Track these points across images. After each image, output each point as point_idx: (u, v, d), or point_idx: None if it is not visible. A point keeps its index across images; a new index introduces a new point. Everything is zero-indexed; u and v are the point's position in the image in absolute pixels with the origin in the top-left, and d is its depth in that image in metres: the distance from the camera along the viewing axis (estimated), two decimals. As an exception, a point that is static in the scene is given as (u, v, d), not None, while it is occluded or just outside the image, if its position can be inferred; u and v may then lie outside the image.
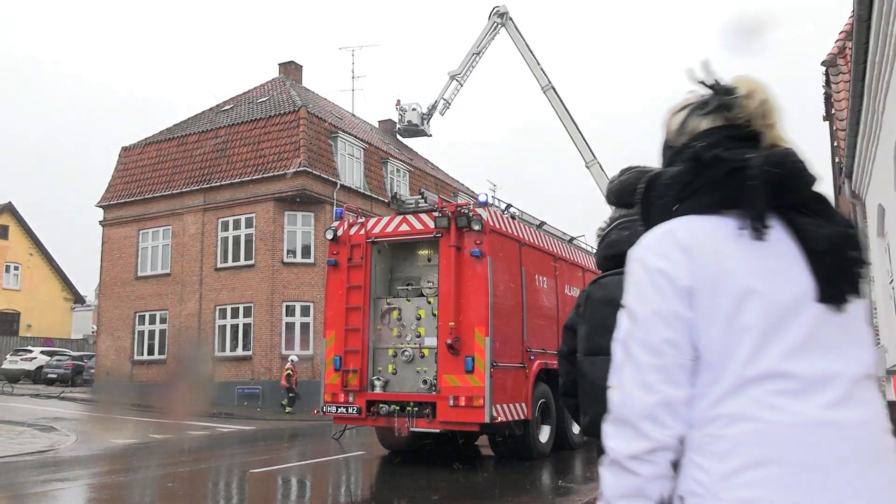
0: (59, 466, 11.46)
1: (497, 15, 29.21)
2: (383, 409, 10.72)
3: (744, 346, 1.30)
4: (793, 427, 1.25)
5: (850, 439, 1.26)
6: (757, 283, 1.32)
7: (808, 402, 1.27)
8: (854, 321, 1.37)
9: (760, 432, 1.26)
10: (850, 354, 1.34)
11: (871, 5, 6.79)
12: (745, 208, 1.35)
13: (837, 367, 1.31)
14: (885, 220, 9.63)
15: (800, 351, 1.30)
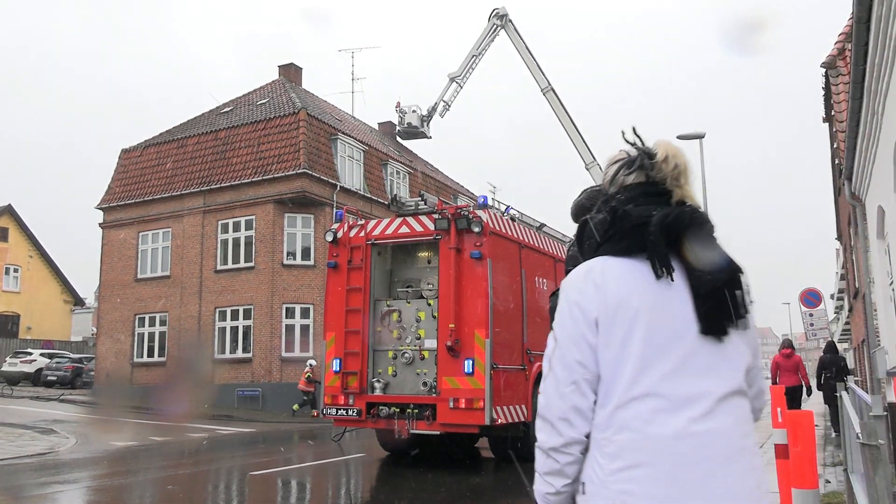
0: (59, 469, 11.45)
1: (497, 17, 29.22)
2: (383, 411, 10.71)
3: (629, 369, 1.65)
4: (663, 437, 1.62)
5: (709, 446, 1.62)
6: (646, 318, 1.67)
7: (678, 418, 1.63)
8: (732, 347, 1.71)
9: (638, 441, 1.63)
10: (722, 376, 1.68)
11: (871, 7, 6.79)
12: (649, 255, 1.69)
13: (707, 387, 1.66)
14: (885, 221, 9.63)
15: (674, 375, 1.65)
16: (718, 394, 1.67)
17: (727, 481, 1.63)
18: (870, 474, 4.01)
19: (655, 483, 1.61)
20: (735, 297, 1.72)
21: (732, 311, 1.71)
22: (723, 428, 1.65)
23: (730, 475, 1.64)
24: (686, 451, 1.63)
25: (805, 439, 3.46)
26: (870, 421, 4.34)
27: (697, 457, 1.63)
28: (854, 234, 14.96)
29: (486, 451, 12.18)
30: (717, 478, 1.62)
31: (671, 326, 1.68)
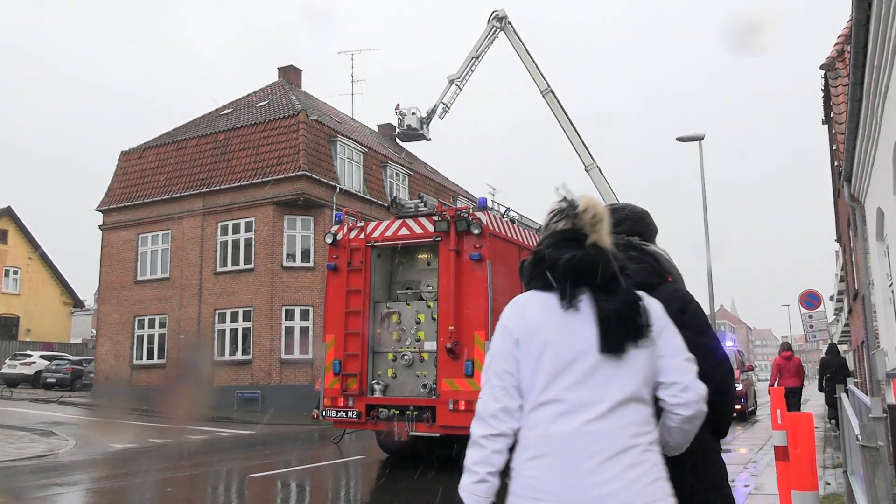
0: (58, 471, 11.45)
1: (496, 19, 29.23)
2: (383, 413, 10.71)
3: (540, 381, 2.08)
4: (562, 434, 2.03)
5: (599, 442, 2.01)
6: (555, 339, 2.09)
7: (575, 419, 2.04)
8: (631, 362, 2.09)
9: (543, 437, 2.05)
10: (618, 386, 2.06)
11: (870, 9, 6.80)
12: (558, 290, 2.13)
13: (602, 395, 2.05)
14: (885, 223, 9.63)
15: (576, 385, 2.05)
16: (612, 401, 2.06)
17: (613, 471, 2.01)
18: (869, 476, 4.01)
19: (554, 470, 2.03)
20: (633, 322, 2.11)
21: (630, 334, 2.10)
22: (612, 428, 2.05)
23: (616, 467, 2.01)
24: (580, 446, 2.03)
25: (805, 441, 3.47)
26: (869, 423, 4.33)
27: (589, 451, 2.02)
28: (853, 236, 14.97)
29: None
30: (605, 468, 2.01)
31: (577, 346, 2.09)
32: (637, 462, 2.04)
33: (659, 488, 2.07)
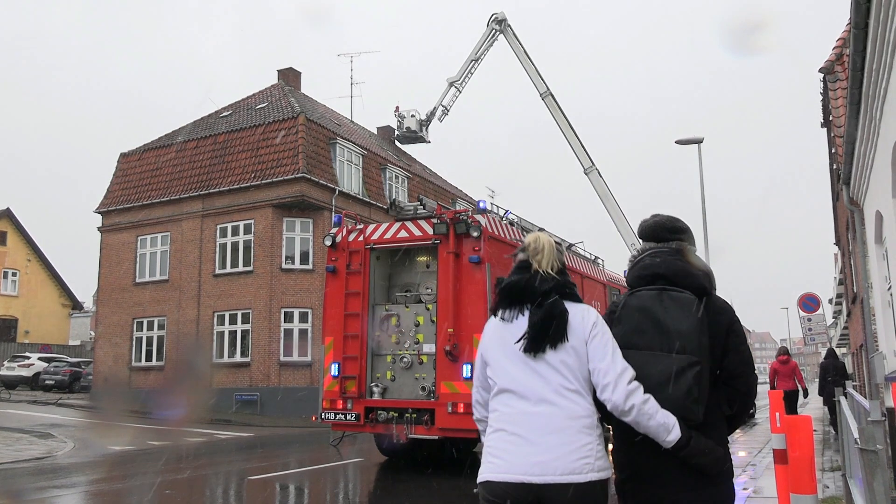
0: (57, 473, 11.43)
1: (495, 22, 29.24)
2: (381, 415, 10.70)
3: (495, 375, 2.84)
4: (512, 414, 2.73)
5: (538, 421, 2.66)
6: (497, 345, 2.87)
7: (521, 403, 2.72)
8: (556, 363, 2.73)
9: (498, 417, 2.77)
10: (548, 379, 2.72)
11: (868, 13, 6.81)
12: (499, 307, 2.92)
13: (539, 385, 2.72)
14: (883, 226, 9.64)
15: (520, 378, 2.75)
16: (549, 390, 2.71)
17: (548, 443, 2.65)
18: (868, 480, 4.01)
19: (504, 441, 2.72)
20: (554, 329, 2.75)
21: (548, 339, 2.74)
22: (549, 411, 2.68)
23: (551, 440, 2.65)
24: (525, 423, 2.70)
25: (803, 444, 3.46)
26: (868, 426, 4.34)
27: (531, 427, 2.68)
28: (852, 239, 14.98)
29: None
30: (542, 441, 2.65)
31: (512, 349, 2.81)
32: (568, 440, 2.65)
33: (583, 461, 2.63)
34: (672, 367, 2.70)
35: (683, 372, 2.69)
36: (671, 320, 2.77)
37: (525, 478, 2.62)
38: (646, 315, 2.82)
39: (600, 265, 16.14)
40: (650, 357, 2.76)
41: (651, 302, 2.84)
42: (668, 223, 3.07)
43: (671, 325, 2.77)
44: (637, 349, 2.77)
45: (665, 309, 2.80)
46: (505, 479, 2.65)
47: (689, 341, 2.73)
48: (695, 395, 2.69)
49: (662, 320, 2.78)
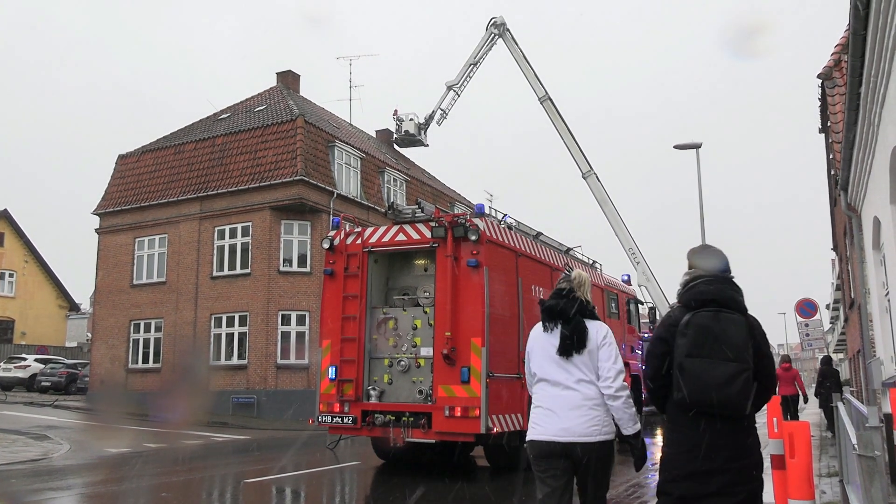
0: (52, 475, 11.39)
1: (494, 26, 29.27)
2: (379, 419, 10.68)
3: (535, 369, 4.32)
4: (546, 397, 4.17)
5: (565, 401, 4.08)
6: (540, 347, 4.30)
7: (553, 389, 4.15)
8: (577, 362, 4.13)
9: (538, 398, 4.23)
10: (572, 373, 4.12)
11: (867, 19, 6.83)
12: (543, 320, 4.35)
13: (567, 377, 4.13)
14: (881, 232, 9.65)
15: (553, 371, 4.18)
16: (572, 380, 4.11)
17: (570, 415, 4.05)
18: (866, 485, 4.01)
19: (541, 414, 4.15)
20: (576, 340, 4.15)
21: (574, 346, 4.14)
22: (571, 395, 4.09)
23: (572, 413, 4.06)
24: (555, 402, 4.11)
25: (801, 450, 3.46)
26: (866, 432, 4.33)
27: (560, 405, 4.09)
28: (850, 245, 14.99)
29: (481, 459, 12.14)
30: (566, 414, 4.06)
31: (551, 351, 4.21)
32: (586, 414, 4.06)
33: (594, 427, 4.05)
34: (729, 371, 3.50)
35: (738, 375, 3.50)
36: (726, 336, 3.55)
37: (555, 438, 4.06)
38: (706, 331, 3.57)
39: (598, 269, 16.14)
40: (710, 364, 3.53)
41: (709, 321, 3.59)
42: (719, 256, 3.86)
43: (726, 339, 3.55)
44: (699, 357, 3.54)
45: (721, 327, 3.57)
46: (542, 439, 4.11)
47: (740, 352, 3.54)
48: (746, 393, 3.50)
49: (719, 335, 3.55)
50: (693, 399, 3.55)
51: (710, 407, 3.53)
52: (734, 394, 3.48)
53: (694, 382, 3.56)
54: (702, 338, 3.58)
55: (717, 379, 3.50)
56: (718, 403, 3.51)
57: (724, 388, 3.48)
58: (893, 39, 6.37)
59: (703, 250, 3.93)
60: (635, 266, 26.20)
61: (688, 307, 3.73)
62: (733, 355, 3.53)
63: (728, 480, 3.50)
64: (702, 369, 3.53)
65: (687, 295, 3.77)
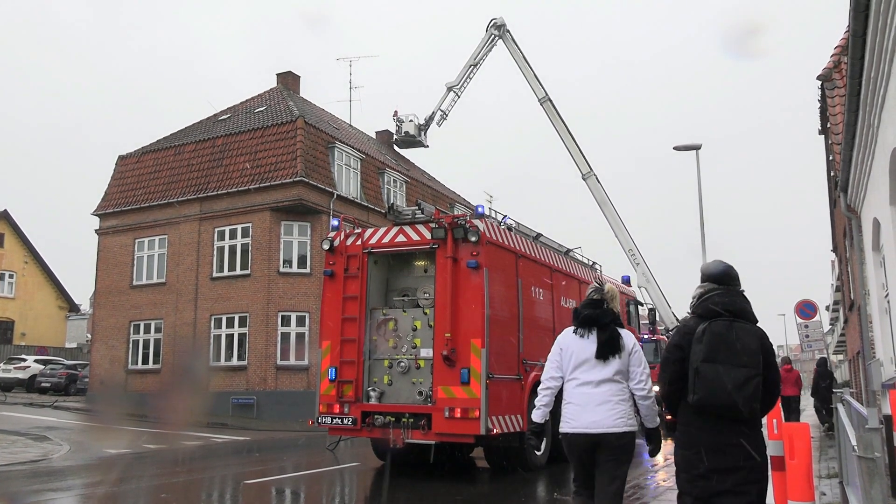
0: (52, 476, 11.39)
1: (494, 27, 29.26)
2: (378, 420, 10.67)
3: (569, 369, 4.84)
4: (579, 394, 4.76)
5: (594, 398, 4.70)
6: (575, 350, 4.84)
7: (585, 387, 4.75)
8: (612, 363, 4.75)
9: (570, 395, 4.80)
10: (604, 373, 4.74)
11: (867, 21, 6.83)
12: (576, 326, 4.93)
13: (596, 376, 4.74)
14: (881, 233, 9.65)
15: (585, 371, 4.77)
16: (601, 379, 4.71)
17: (599, 410, 4.65)
18: (866, 487, 4.01)
19: (573, 409, 4.73)
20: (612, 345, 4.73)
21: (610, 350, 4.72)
22: (600, 391, 4.69)
23: (601, 408, 4.65)
24: (585, 398, 4.71)
25: (801, 452, 3.46)
26: (866, 433, 4.33)
27: (589, 401, 4.69)
28: (849, 246, 15.00)
29: (481, 460, 12.14)
30: (595, 409, 4.66)
31: (585, 354, 4.77)
32: (613, 409, 4.65)
33: (620, 421, 4.64)
34: (742, 376, 3.87)
35: (750, 380, 3.87)
36: (740, 343, 3.93)
37: (586, 430, 4.66)
38: (721, 339, 3.95)
39: (598, 270, 16.14)
40: (724, 369, 3.89)
41: (724, 330, 3.97)
42: (731, 271, 4.27)
43: (740, 346, 3.92)
44: (715, 363, 3.91)
45: (735, 335, 3.96)
46: (574, 431, 4.71)
47: (752, 358, 3.91)
48: (756, 396, 3.89)
49: (733, 343, 3.93)
50: (706, 401, 3.91)
51: (721, 409, 3.88)
52: (746, 397, 3.84)
53: (708, 386, 3.91)
54: (717, 344, 3.95)
55: (730, 383, 3.86)
56: (731, 405, 3.85)
57: (736, 391, 3.84)
58: (893, 41, 6.37)
59: (715, 265, 4.34)
60: (635, 267, 26.19)
61: (703, 317, 4.10)
62: (746, 361, 3.89)
63: (741, 479, 3.84)
64: (716, 373, 3.88)
65: (702, 306, 4.15)
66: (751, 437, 3.90)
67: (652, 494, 9.43)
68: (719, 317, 4.03)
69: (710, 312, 4.08)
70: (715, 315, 4.05)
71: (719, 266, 4.30)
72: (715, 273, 4.27)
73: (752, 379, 3.86)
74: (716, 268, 4.30)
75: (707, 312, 4.09)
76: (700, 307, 4.16)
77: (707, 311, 4.10)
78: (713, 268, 4.31)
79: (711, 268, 4.32)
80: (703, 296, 4.20)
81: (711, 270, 4.29)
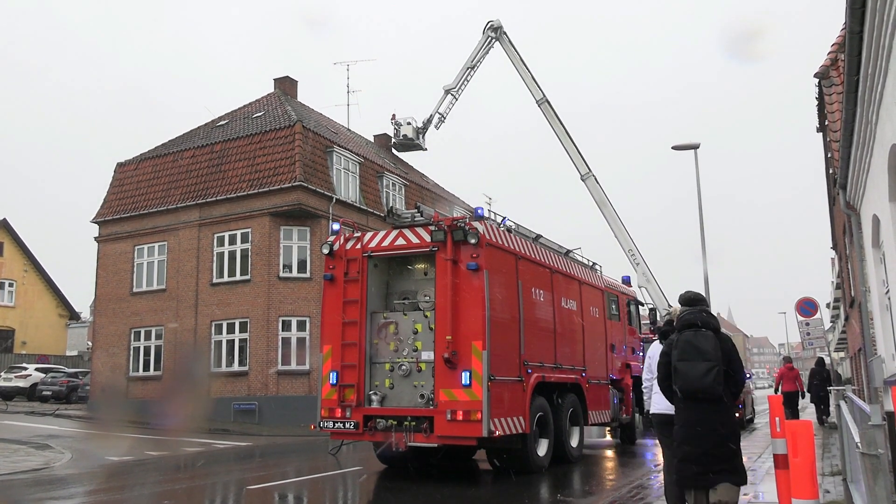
0: (54, 484, 11.37)
1: (491, 29, 29.29)
2: (380, 423, 10.67)
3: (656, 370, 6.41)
4: None
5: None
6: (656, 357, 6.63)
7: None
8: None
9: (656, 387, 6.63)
10: None
11: (863, 18, 6.83)
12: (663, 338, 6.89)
13: None
14: (880, 230, 9.65)
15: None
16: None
17: None
18: (870, 484, 4.00)
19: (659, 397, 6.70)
20: None
21: None
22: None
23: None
24: None
25: (804, 449, 3.46)
26: (869, 430, 4.33)
27: None
28: (849, 244, 14.99)
29: (483, 463, 12.13)
30: None
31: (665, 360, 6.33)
32: None
33: None
34: (705, 368, 5.57)
35: (711, 370, 5.55)
36: (702, 345, 5.66)
37: (667, 411, 6.29)
38: (689, 343, 5.72)
39: (598, 271, 16.13)
40: (693, 364, 5.63)
41: (692, 336, 5.75)
42: (698, 297, 6.14)
43: (702, 347, 5.66)
44: (687, 361, 5.66)
45: (699, 339, 5.70)
46: (664, 412, 6.55)
47: (712, 354, 5.60)
48: (719, 381, 5.54)
49: (697, 345, 5.67)
50: (684, 387, 5.64)
51: (695, 392, 5.58)
52: (709, 382, 5.53)
53: (683, 378, 5.67)
54: (686, 348, 5.72)
55: (697, 373, 5.58)
56: (701, 389, 5.54)
57: (702, 378, 5.56)
58: (890, 37, 6.38)
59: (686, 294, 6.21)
60: (635, 267, 26.20)
61: (680, 330, 5.91)
62: (708, 357, 5.59)
63: (715, 442, 5.47)
64: (687, 368, 5.64)
65: (678, 322, 6.01)
66: (721, 414, 5.54)
67: (655, 494, 9.41)
68: (688, 328, 5.80)
69: (682, 325, 5.90)
70: (685, 327, 5.83)
71: (689, 294, 6.19)
72: (685, 299, 6.15)
73: (713, 369, 5.53)
74: (686, 295, 6.18)
75: (680, 325, 5.92)
76: (677, 324, 5.99)
77: (680, 325, 5.92)
78: (685, 295, 6.18)
79: (684, 296, 6.19)
80: (679, 314, 6.06)
81: (683, 297, 6.17)
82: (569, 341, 13.32)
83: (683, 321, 5.88)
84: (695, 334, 5.68)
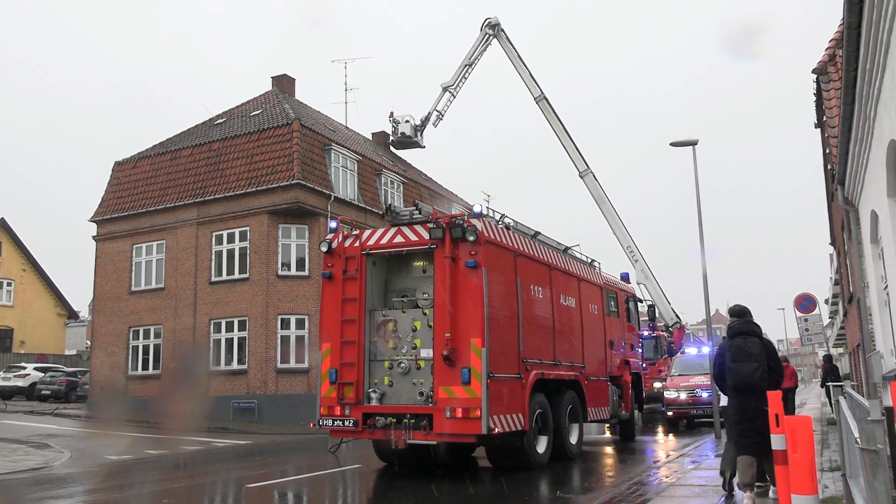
0: (54, 484, 11.37)
1: (489, 26, 29.21)
2: (380, 421, 10.67)
3: None
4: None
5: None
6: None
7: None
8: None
9: None
10: None
11: (861, 13, 6.83)
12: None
13: None
14: (879, 226, 9.65)
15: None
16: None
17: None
18: (869, 479, 4.00)
19: None
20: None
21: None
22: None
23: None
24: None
25: (804, 445, 3.46)
26: (868, 426, 4.33)
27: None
28: (848, 239, 15.00)
29: (483, 460, 12.13)
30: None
31: None
32: None
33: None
34: (752, 367, 7.65)
35: (758, 368, 7.63)
36: (750, 349, 7.70)
37: None
38: (739, 348, 7.75)
39: (597, 268, 16.14)
40: (743, 365, 7.68)
41: (741, 343, 7.77)
42: (744, 310, 8.05)
43: (750, 350, 7.70)
44: (738, 362, 7.70)
45: (748, 345, 7.73)
46: None
47: (758, 356, 7.67)
48: (763, 377, 7.60)
49: (746, 350, 7.70)
50: (736, 383, 7.71)
51: (745, 386, 7.61)
52: (756, 379, 7.57)
53: (736, 375, 7.72)
54: (737, 352, 7.75)
55: (746, 372, 7.65)
56: (749, 384, 7.57)
57: (750, 376, 7.62)
58: (888, 32, 6.37)
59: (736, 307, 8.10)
60: (633, 264, 26.17)
61: (731, 337, 7.85)
62: (754, 359, 7.62)
63: (762, 423, 6.69)
64: (738, 367, 7.70)
65: (729, 331, 7.91)
66: (763, 403, 6.43)
67: (655, 490, 9.42)
68: (739, 335, 7.82)
69: (733, 333, 7.86)
70: (736, 335, 7.84)
71: (737, 308, 8.10)
72: (735, 311, 8.07)
73: (759, 368, 7.60)
74: (735, 308, 8.09)
75: (732, 334, 7.87)
76: (729, 332, 7.91)
77: (732, 333, 7.88)
78: (734, 308, 8.09)
79: (734, 309, 8.07)
80: (730, 325, 7.97)
81: (733, 310, 8.07)
82: (568, 338, 13.33)
83: (734, 330, 7.81)
84: (744, 340, 7.73)
